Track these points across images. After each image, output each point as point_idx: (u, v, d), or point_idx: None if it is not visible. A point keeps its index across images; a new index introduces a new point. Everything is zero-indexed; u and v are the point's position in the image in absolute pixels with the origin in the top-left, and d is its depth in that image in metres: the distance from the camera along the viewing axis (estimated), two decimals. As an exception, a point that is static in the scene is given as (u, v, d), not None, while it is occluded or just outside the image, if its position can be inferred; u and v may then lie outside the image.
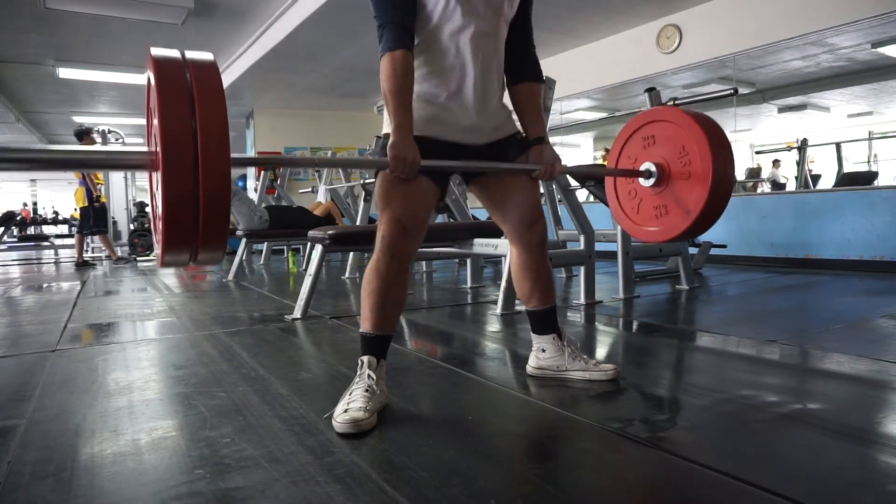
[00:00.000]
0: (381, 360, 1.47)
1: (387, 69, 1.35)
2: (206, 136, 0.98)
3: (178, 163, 0.96)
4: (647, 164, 1.78)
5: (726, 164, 1.66)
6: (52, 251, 9.45)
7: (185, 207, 0.98)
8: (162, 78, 0.99)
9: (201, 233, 1.02)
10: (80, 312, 3.17)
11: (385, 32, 1.36)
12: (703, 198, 1.63)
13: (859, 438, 1.22)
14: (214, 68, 1.05)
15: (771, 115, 8.89)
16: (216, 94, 1.01)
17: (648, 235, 1.82)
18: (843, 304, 3.00)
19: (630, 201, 1.88)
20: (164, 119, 0.96)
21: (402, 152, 1.34)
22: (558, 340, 1.68)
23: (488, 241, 3.11)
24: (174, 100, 0.98)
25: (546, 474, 1.10)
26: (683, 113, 1.71)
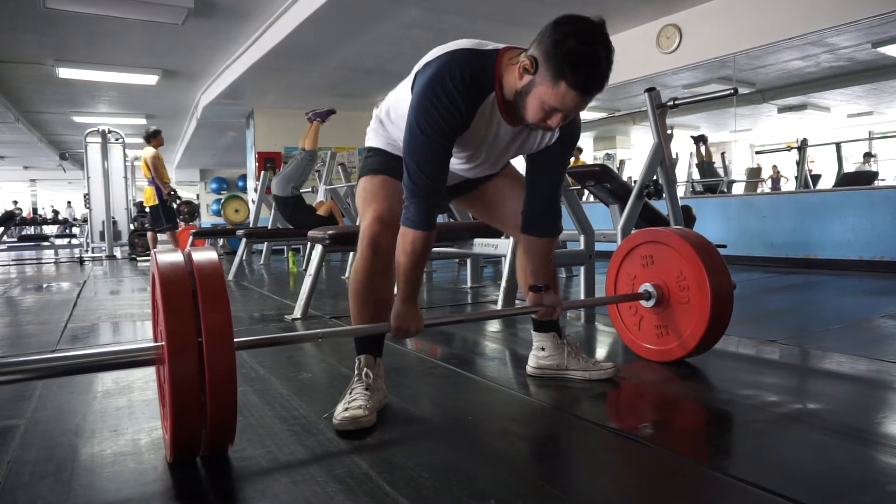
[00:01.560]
0: (378, 357, 1.47)
1: (408, 246, 1.31)
2: (210, 333, 1.03)
3: (182, 358, 1.01)
4: (647, 285, 1.80)
5: (723, 291, 1.69)
6: (52, 251, 9.45)
7: (192, 399, 1.02)
8: (166, 280, 1.05)
9: (209, 426, 1.06)
10: (80, 312, 3.17)
11: (416, 205, 1.29)
12: (701, 330, 1.68)
13: (859, 438, 1.22)
14: (218, 267, 1.11)
15: (771, 115, 8.89)
16: (218, 293, 1.06)
17: (649, 354, 1.86)
18: (843, 304, 3.00)
19: (631, 316, 1.92)
20: (169, 319, 1.02)
21: (405, 324, 1.37)
22: (558, 339, 1.68)
23: (488, 241, 3.11)
24: (178, 300, 1.04)
25: (546, 474, 1.10)
26: (678, 237, 1.74)
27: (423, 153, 1.26)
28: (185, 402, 1.01)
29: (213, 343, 1.02)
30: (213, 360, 1.02)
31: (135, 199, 10.32)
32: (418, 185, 1.28)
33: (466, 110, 1.24)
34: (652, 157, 2.85)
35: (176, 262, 1.09)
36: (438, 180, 1.29)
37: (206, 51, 6.42)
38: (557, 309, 1.58)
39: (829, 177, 7.65)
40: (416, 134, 1.26)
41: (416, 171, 1.27)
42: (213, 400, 1.03)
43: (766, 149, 9.93)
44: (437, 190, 1.29)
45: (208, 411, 1.04)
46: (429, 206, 1.29)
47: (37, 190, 21.57)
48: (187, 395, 1.01)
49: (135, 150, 11.91)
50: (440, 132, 1.24)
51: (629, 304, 1.91)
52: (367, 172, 1.52)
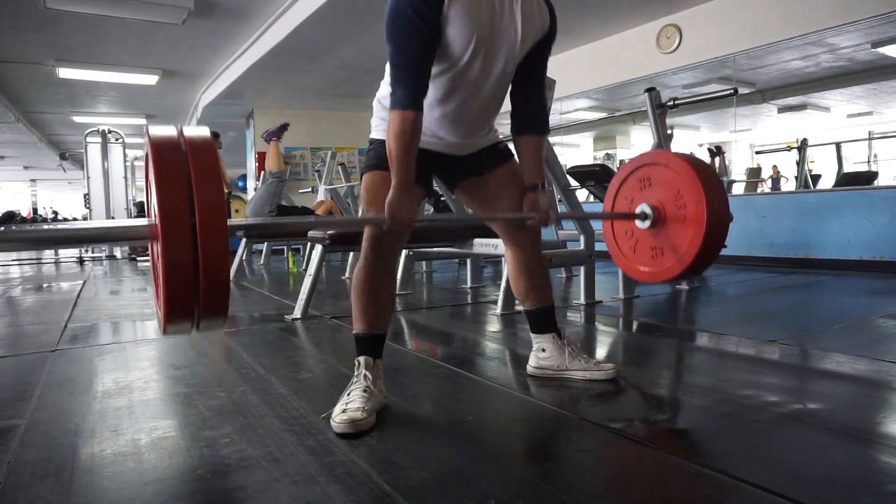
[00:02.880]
0: (378, 359, 1.47)
1: (396, 127, 1.33)
2: (203, 208, 1.01)
3: (175, 233, 0.99)
4: (643, 206, 1.80)
5: (720, 209, 1.67)
6: (52, 251, 9.45)
7: (185, 276, 1.01)
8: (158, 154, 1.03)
9: (202, 301, 1.05)
10: (80, 312, 3.17)
11: (401, 87, 1.33)
12: (698, 244, 1.65)
13: (859, 438, 1.22)
14: (209, 142, 1.09)
15: (771, 115, 8.89)
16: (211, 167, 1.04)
17: (644, 276, 1.84)
18: (843, 304, 3.00)
19: (627, 240, 1.90)
20: (162, 193, 1.00)
21: (398, 213, 1.35)
22: (558, 339, 1.68)
23: (488, 241, 3.11)
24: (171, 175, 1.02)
25: (546, 474, 1.10)
26: (678, 158, 1.73)
27: (403, 34, 1.31)
28: (177, 277, 1.00)
29: (207, 218, 1.00)
30: (207, 236, 1.00)
31: (135, 199, 10.32)
32: (400, 66, 1.32)
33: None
34: (652, 157, 2.84)
35: (170, 137, 1.07)
36: (421, 63, 1.33)
37: (206, 51, 6.43)
38: (552, 214, 1.56)
39: (830, 177, 7.65)
40: (394, 17, 1.32)
41: (398, 56, 1.32)
42: (206, 275, 1.01)
43: (766, 149, 9.93)
44: (420, 71, 1.33)
45: (201, 286, 1.02)
46: (414, 88, 1.32)
47: (37, 190, 21.57)
48: (180, 271, 1.00)
49: (135, 151, 11.89)
50: (417, 8, 1.29)
51: (625, 229, 1.89)
52: (371, 167, 1.51)
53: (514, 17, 1.40)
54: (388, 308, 1.52)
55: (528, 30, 1.44)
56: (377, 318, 1.47)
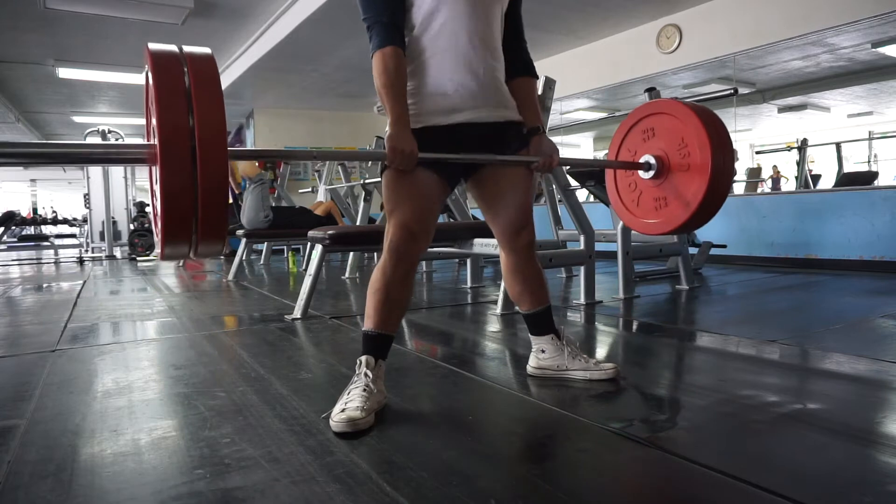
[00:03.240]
0: (380, 360, 1.47)
1: (378, 66, 1.37)
2: (203, 130, 0.99)
3: (175, 156, 0.97)
4: (647, 156, 1.77)
5: (725, 155, 1.65)
6: (52, 251, 9.45)
7: (184, 200, 0.99)
8: (159, 72, 1.00)
9: (200, 225, 1.03)
10: (80, 312, 3.17)
11: (374, 31, 1.38)
12: (703, 189, 1.63)
13: (859, 438, 1.22)
14: (211, 62, 1.06)
15: (771, 115, 8.89)
16: (213, 88, 1.02)
17: (648, 228, 1.82)
18: (843, 304, 3.00)
19: (630, 194, 1.88)
20: (162, 113, 0.97)
21: (399, 144, 1.35)
22: (556, 340, 1.68)
23: (488, 241, 3.11)
24: (171, 94, 0.99)
25: (546, 474, 1.10)
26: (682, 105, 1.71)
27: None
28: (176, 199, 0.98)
29: (206, 142, 0.99)
30: (206, 159, 0.98)
31: (135, 198, 10.32)
32: (375, 10, 1.38)
33: None
34: (652, 157, 2.85)
35: (172, 55, 1.04)
36: (393, 2, 1.38)
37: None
38: (554, 157, 1.56)
39: (830, 177, 7.65)
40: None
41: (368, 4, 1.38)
42: (205, 199, 1.00)
43: (767, 149, 9.93)
44: (394, 10, 1.38)
45: (199, 210, 1.01)
46: (387, 25, 1.37)
47: (37, 190, 21.56)
48: (178, 194, 0.98)
49: (135, 150, 11.82)
50: None
51: (628, 181, 1.87)
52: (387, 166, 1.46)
53: None
54: (401, 311, 1.52)
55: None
56: (387, 319, 1.47)
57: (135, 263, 6.90)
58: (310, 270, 2.92)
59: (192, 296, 3.85)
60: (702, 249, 4.49)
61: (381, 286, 1.46)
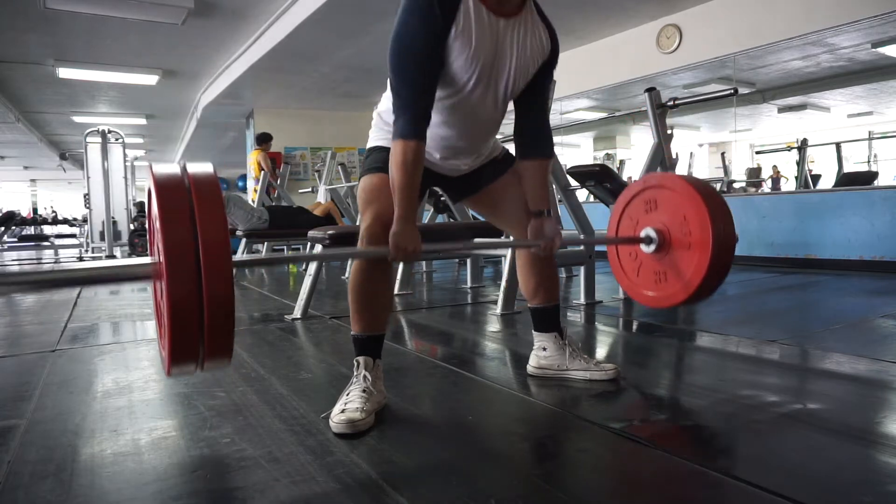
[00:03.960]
0: (377, 360, 1.47)
1: (398, 157, 1.31)
2: (208, 245, 1.01)
3: (180, 271, 0.99)
4: (648, 229, 1.78)
5: (727, 235, 1.67)
6: (52, 251, 9.45)
7: (190, 314, 1.01)
8: (162, 192, 1.03)
9: (207, 341, 1.05)
10: (80, 312, 3.17)
11: (403, 116, 1.31)
12: (703, 271, 1.65)
13: (859, 438, 1.22)
14: (214, 179, 1.09)
15: (771, 115, 8.89)
16: (215, 205, 1.04)
17: (647, 300, 1.83)
18: (843, 304, 3.00)
19: (631, 262, 1.89)
20: (166, 231, 1.00)
21: (403, 242, 1.33)
22: (559, 339, 1.68)
23: (488, 241, 3.11)
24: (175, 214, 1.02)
25: (546, 474, 1.10)
26: (683, 181, 1.73)
27: (405, 64, 1.30)
28: (182, 315, 0.99)
29: (211, 257, 1.00)
30: (211, 273, 1.00)
31: (135, 198, 10.33)
32: (402, 95, 1.31)
33: (443, 12, 1.28)
34: (652, 157, 2.85)
35: (173, 175, 1.07)
36: (424, 92, 1.32)
37: (206, 51, 6.43)
38: (557, 240, 1.55)
39: (830, 177, 7.65)
40: (397, 47, 1.30)
41: (400, 85, 1.31)
42: (211, 315, 1.01)
43: (766, 149, 9.93)
44: (422, 101, 1.32)
45: (206, 326, 1.02)
46: (416, 117, 1.31)
47: (37, 190, 21.56)
48: (185, 308, 0.99)
49: (134, 151, 11.87)
50: (420, 38, 1.28)
51: (629, 251, 1.88)
52: (367, 171, 1.52)
53: (514, 43, 1.39)
54: (387, 308, 1.51)
55: (528, 55, 1.43)
56: (375, 319, 1.46)
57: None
58: (310, 270, 2.92)
59: (192, 296, 3.85)
60: (702, 249, 4.48)
61: (363, 288, 1.44)
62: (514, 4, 1.36)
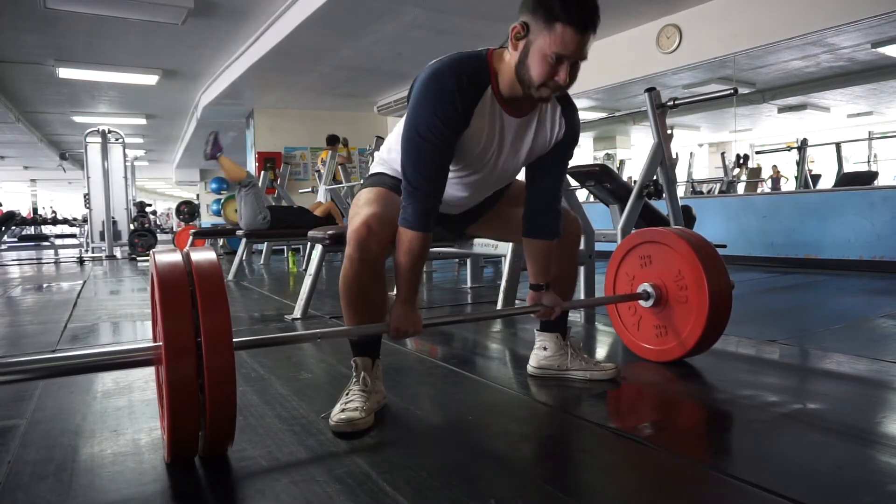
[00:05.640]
0: (376, 359, 1.47)
1: (406, 245, 1.31)
2: (209, 334, 1.02)
3: (180, 358, 1.01)
4: (645, 285, 1.80)
5: (722, 289, 1.68)
6: (52, 251, 9.45)
7: (190, 398, 1.02)
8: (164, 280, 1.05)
9: (208, 425, 1.05)
10: (80, 312, 3.17)
11: (413, 205, 1.29)
12: (700, 329, 1.67)
13: (859, 438, 1.22)
14: (216, 267, 1.10)
15: (771, 115, 8.89)
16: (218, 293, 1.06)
17: (648, 354, 1.85)
18: (843, 304, 3.00)
19: (630, 317, 1.91)
20: (167, 318, 1.01)
21: (404, 325, 1.36)
22: (561, 339, 1.68)
23: (488, 241, 3.11)
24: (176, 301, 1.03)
25: (546, 474, 1.10)
26: (676, 236, 1.74)
27: (420, 156, 1.27)
28: (182, 403, 1.01)
29: (212, 344, 1.02)
30: (212, 362, 1.01)
31: (135, 198, 10.32)
32: (416, 187, 1.29)
33: (463, 107, 1.26)
34: (652, 157, 2.85)
35: (175, 262, 1.09)
36: (436, 183, 1.30)
37: (206, 51, 6.43)
38: (556, 309, 1.57)
39: (830, 177, 7.65)
40: (413, 137, 1.27)
41: (413, 174, 1.28)
42: (213, 402, 1.02)
43: (767, 149, 9.93)
44: (434, 193, 1.30)
45: (207, 413, 1.03)
46: (426, 209, 1.30)
47: (37, 190, 21.56)
48: (185, 397, 1.01)
49: (135, 151, 11.85)
50: (438, 133, 1.25)
51: (628, 305, 1.90)
52: (365, 185, 1.52)
53: (526, 134, 1.40)
54: (381, 308, 1.49)
55: (538, 143, 1.43)
56: (370, 320, 1.44)
57: (135, 263, 6.90)
58: (310, 270, 2.92)
59: (192, 296, 3.85)
60: (702, 249, 4.48)
61: (354, 290, 1.41)
62: (528, 105, 1.36)
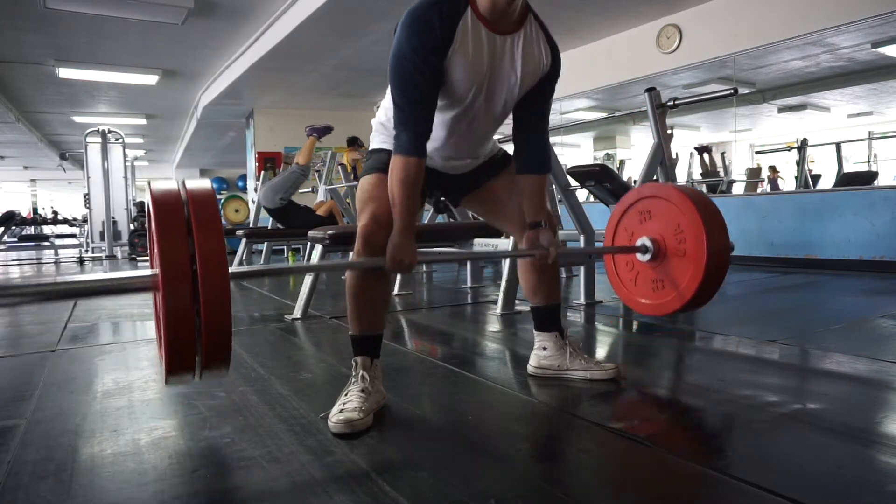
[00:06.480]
0: (375, 359, 1.47)
1: (400, 174, 1.33)
2: (204, 258, 1.03)
3: (176, 284, 1.01)
4: (644, 239, 1.79)
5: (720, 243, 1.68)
6: (52, 251, 9.45)
7: (187, 325, 1.03)
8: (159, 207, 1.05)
9: (204, 350, 1.06)
10: (80, 312, 3.17)
11: (403, 133, 1.33)
12: (698, 279, 1.67)
13: (859, 438, 1.22)
14: (211, 194, 1.11)
15: (771, 115, 8.89)
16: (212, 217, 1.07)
17: (645, 308, 1.85)
18: (843, 304, 3.00)
19: (628, 272, 1.91)
20: (163, 245, 1.02)
21: (399, 255, 1.36)
22: (560, 339, 1.68)
23: (488, 241, 3.11)
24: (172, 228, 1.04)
25: (546, 474, 1.10)
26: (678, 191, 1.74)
27: (405, 78, 1.31)
28: (179, 328, 1.01)
29: (208, 270, 1.02)
30: (208, 287, 1.01)
31: (135, 198, 10.32)
32: (405, 111, 1.33)
33: (443, 27, 1.29)
34: (652, 157, 2.85)
35: (170, 189, 1.09)
36: (424, 106, 1.34)
37: (206, 51, 6.43)
38: (552, 250, 1.55)
39: (830, 177, 7.65)
40: (397, 63, 1.32)
41: (401, 98, 1.33)
42: (208, 327, 1.02)
43: (766, 149, 9.92)
44: (423, 116, 1.34)
45: (203, 338, 1.04)
46: (417, 133, 1.34)
47: (37, 190, 21.55)
48: (181, 322, 1.01)
49: (135, 150, 11.85)
50: (420, 54, 1.29)
51: (626, 261, 1.89)
52: (366, 172, 1.53)
53: (514, 57, 1.40)
54: (384, 308, 1.52)
55: (527, 69, 1.43)
56: (373, 319, 1.47)
57: (135, 263, 6.90)
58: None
59: (192, 296, 3.85)
60: (702, 249, 4.48)
61: (361, 288, 1.45)
62: (513, 22, 1.37)
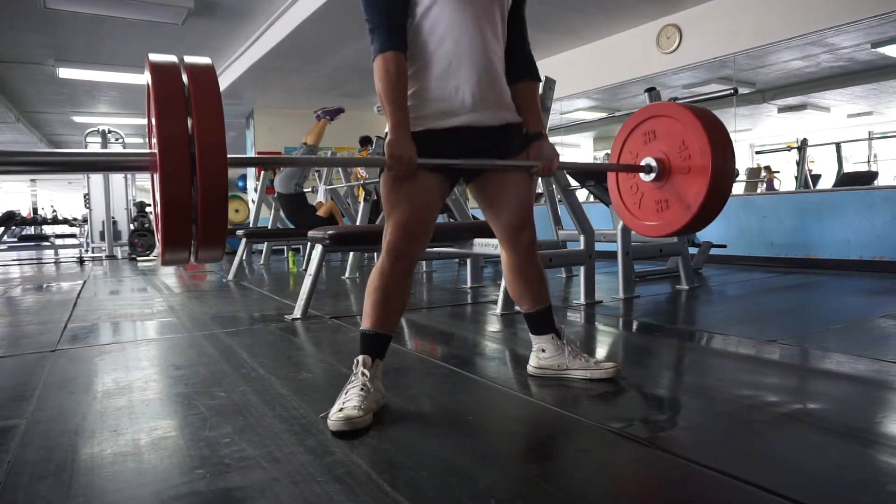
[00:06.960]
0: (378, 360, 1.47)
1: (380, 71, 1.37)
2: (203, 138, 1.00)
3: (174, 164, 0.98)
4: (648, 158, 1.78)
5: (726, 158, 1.66)
6: (52, 251, 9.45)
7: (183, 206, 1.00)
8: (159, 82, 1.02)
9: (200, 231, 1.04)
10: (80, 312, 3.17)
11: (376, 35, 1.38)
12: (703, 192, 1.64)
13: (859, 438, 1.22)
14: (211, 71, 1.08)
15: (771, 115, 8.89)
16: (212, 96, 1.03)
17: (650, 230, 1.83)
18: (843, 304, 3.00)
19: (632, 196, 1.89)
20: (161, 122, 0.99)
21: (397, 150, 1.35)
22: (557, 339, 1.68)
23: (488, 241, 3.11)
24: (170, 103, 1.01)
25: (546, 474, 1.10)
26: (683, 108, 1.72)
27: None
28: (175, 209, 1.00)
29: (206, 150, 1.00)
30: (205, 168, 1.00)
31: (135, 198, 10.32)
32: (374, 16, 1.38)
33: None
34: (652, 157, 2.84)
35: (171, 66, 1.06)
36: (397, 5, 1.37)
37: (206, 51, 6.42)
38: (555, 161, 1.57)
39: (830, 177, 7.65)
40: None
41: (370, 8, 1.38)
42: (204, 209, 1.01)
43: (767, 149, 9.93)
44: (393, 13, 1.37)
45: (199, 217, 1.02)
46: (390, 29, 1.36)
47: (37, 190, 21.56)
48: (178, 203, 1.00)
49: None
50: None
51: (630, 183, 1.88)
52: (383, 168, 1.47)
53: None
54: (400, 309, 1.52)
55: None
56: (385, 318, 1.47)
57: (135, 263, 6.90)
58: (310, 270, 2.92)
59: (192, 296, 3.85)
60: (702, 249, 4.49)
61: (380, 286, 1.46)
62: None
